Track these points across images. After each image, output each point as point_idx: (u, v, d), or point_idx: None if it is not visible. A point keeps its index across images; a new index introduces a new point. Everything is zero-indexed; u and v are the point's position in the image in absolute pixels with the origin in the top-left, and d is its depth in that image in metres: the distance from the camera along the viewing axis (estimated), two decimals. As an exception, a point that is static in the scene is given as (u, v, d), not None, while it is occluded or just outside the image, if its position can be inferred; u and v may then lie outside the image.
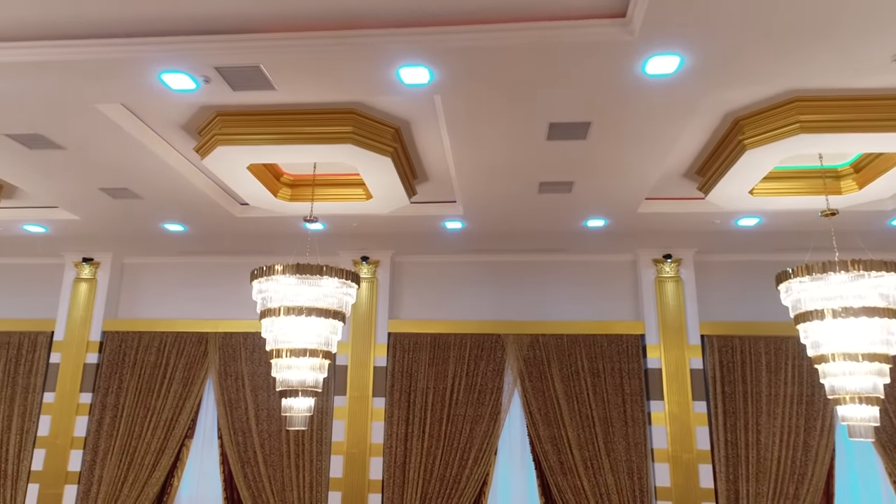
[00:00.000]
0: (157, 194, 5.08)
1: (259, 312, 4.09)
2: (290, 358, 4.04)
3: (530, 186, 4.78)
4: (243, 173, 4.35)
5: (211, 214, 5.54)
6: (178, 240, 6.39)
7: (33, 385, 6.76)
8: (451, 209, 5.44)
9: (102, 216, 5.65)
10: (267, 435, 6.40)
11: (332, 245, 6.47)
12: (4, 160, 4.48)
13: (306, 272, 3.97)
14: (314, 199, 4.73)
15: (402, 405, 6.36)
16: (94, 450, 6.52)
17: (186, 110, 3.91)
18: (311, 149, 3.94)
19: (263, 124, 3.86)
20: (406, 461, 6.22)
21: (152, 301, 7.13)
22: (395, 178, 4.37)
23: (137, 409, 6.59)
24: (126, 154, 4.32)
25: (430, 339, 6.54)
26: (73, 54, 3.15)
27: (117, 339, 6.86)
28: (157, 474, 6.37)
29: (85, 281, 7.01)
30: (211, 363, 6.67)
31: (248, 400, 6.51)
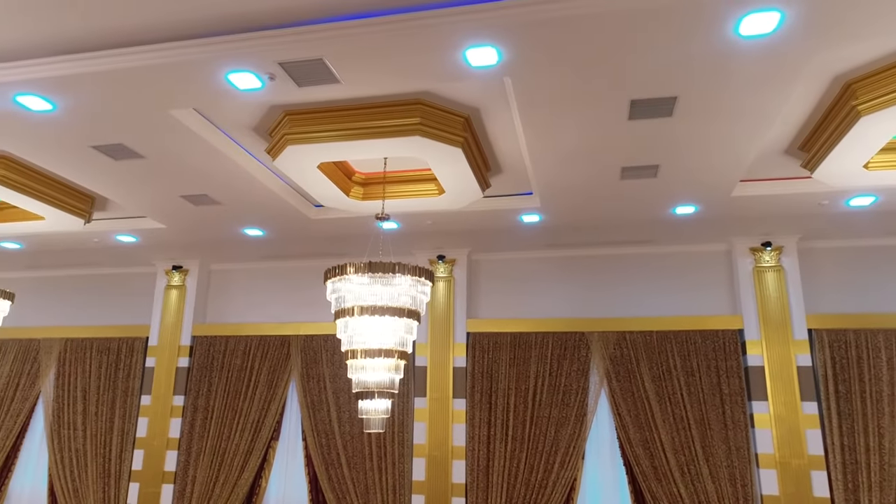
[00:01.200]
0: (235, 199, 5.16)
1: (333, 313, 4.02)
2: (365, 359, 3.95)
3: (612, 172, 4.48)
4: (314, 173, 4.31)
5: (287, 217, 5.57)
6: (258, 244, 6.50)
7: (131, 388, 7.07)
8: (527, 202, 5.20)
9: (186, 224, 5.81)
10: (349, 437, 6.39)
11: (408, 245, 6.38)
12: (94, 172, 4.66)
13: (379, 271, 3.85)
14: (385, 197, 4.64)
15: (484, 407, 6.18)
16: (188, 450, 6.74)
17: (256, 111, 3.90)
18: (379, 143, 3.84)
19: (331, 121, 3.79)
20: (489, 464, 6.02)
21: (237, 306, 7.31)
22: (467, 170, 4.19)
23: (226, 412, 6.75)
24: (202, 160, 4.38)
25: (510, 339, 6.32)
26: (144, 60, 3.18)
27: (206, 343, 7.07)
28: (245, 475, 6.49)
29: (175, 288, 7.27)
30: (294, 366, 6.74)
31: (329, 402, 6.52)
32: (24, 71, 3.33)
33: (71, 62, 3.26)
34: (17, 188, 4.81)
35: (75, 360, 7.31)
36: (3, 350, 7.57)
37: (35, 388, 7.33)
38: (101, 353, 7.28)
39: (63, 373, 7.30)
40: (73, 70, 3.27)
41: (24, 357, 7.49)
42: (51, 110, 3.69)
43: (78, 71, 3.27)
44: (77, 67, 3.26)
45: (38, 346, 7.48)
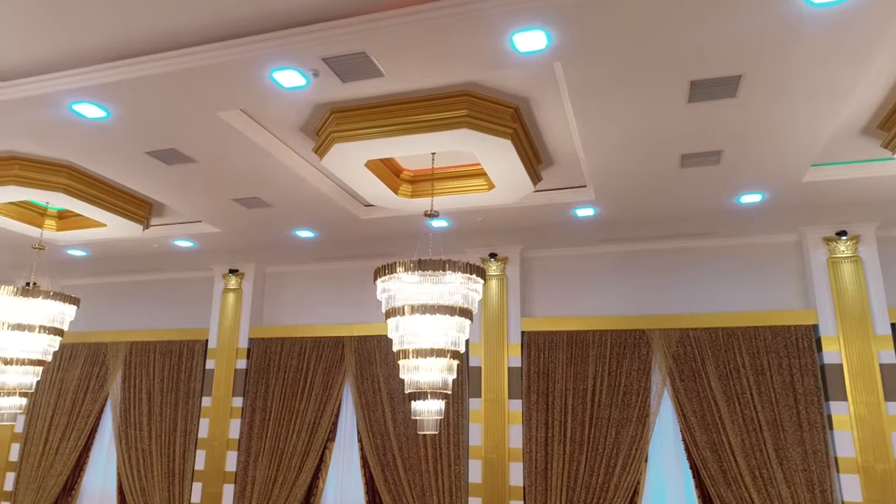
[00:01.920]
0: (286, 201, 5.18)
1: (384, 313, 3.96)
2: (417, 359, 3.87)
3: (671, 161, 4.26)
4: (362, 171, 4.26)
5: (337, 218, 5.56)
6: (310, 246, 6.53)
7: (193, 390, 7.23)
8: (581, 195, 5.01)
9: (240, 227, 5.88)
10: (405, 438, 6.33)
11: (459, 243, 6.28)
12: (149, 178, 4.76)
13: (429, 268, 3.77)
14: (434, 194, 4.55)
15: (541, 408, 6.01)
16: (247, 451, 6.83)
17: (302, 110, 3.88)
18: (426, 138, 3.75)
19: (376, 117, 3.73)
20: (548, 467, 5.85)
21: (292, 308, 7.37)
22: (517, 163, 4.05)
23: (283, 413, 6.81)
24: (252, 162, 4.40)
25: (566, 338, 6.13)
26: (189, 62, 3.19)
27: (262, 345, 7.17)
28: (303, 476, 6.53)
29: (232, 291, 7.40)
30: (348, 367, 6.74)
31: (384, 403, 6.49)
32: (78, 79, 3.40)
33: (119, 68, 3.31)
34: (80, 196, 4.96)
35: (140, 363, 7.54)
36: (74, 354, 7.88)
37: (103, 390, 7.60)
38: (164, 356, 7.47)
39: (129, 375, 7.54)
40: (121, 76, 3.32)
41: (93, 360, 7.78)
42: (105, 117, 3.77)
43: (126, 76, 3.31)
44: (125, 73, 3.30)
45: (105, 350, 7.75)
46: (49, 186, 4.72)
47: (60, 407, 7.73)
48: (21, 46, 3.25)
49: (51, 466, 7.52)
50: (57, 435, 7.62)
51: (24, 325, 4.84)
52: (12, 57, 3.35)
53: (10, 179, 4.59)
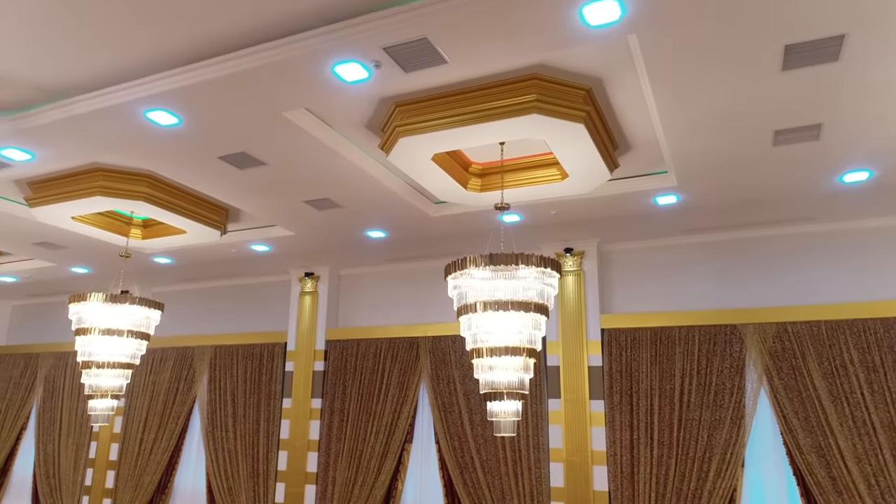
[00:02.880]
0: (355, 201, 5.15)
1: (456, 310, 3.83)
2: (491, 357, 3.72)
3: (763, 138, 3.90)
4: (429, 166, 4.15)
5: (407, 217, 5.49)
6: (382, 247, 6.50)
7: (273, 392, 7.37)
8: (662, 181, 4.70)
9: (312, 229, 5.92)
10: (482, 440, 6.18)
11: (532, 239, 6.07)
12: (223, 183, 4.84)
13: (500, 263, 3.61)
14: (504, 186, 4.38)
15: (625, 408, 5.70)
16: (327, 452, 6.88)
17: (367, 106, 3.81)
18: (494, 126, 3.58)
19: (442, 108, 3.60)
20: (634, 471, 5.54)
21: (366, 309, 7.39)
22: (592, 149, 3.82)
23: (360, 414, 6.82)
24: (320, 162, 4.39)
25: (650, 334, 5.80)
26: (251, 62, 3.18)
27: (339, 347, 7.21)
28: (382, 477, 6.50)
29: (308, 294, 7.50)
30: (423, 368, 6.67)
31: (461, 404, 6.36)
32: (149, 87, 3.47)
33: (187, 73, 3.34)
34: (160, 204, 5.12)
35: (224, 365, 7.77)
36: (164, 358, 8.22)
37: (191, 392, 7.88)
38: (246, 359, 7.66)
39: (214, 378, 7.78)
40: (189, 80, 3.35)
41: (181, 364, 8.09)
42: (177, 124, 3.84)
43: (193, 81, 3.34)
44: (192, 78, 3.33)
45: (192, 354, 8.04)
46: (131, 195, 4.88)
47: (153, 408, 8.08)
48: (93, 59, 3.34)
49: (146, 465, 7.87)
50: (151, 435, 7.97)
51: (113, 330, 5.04)
52: (86, 70, 3.46)
53: (95, 190, 4.78)
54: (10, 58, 3.39)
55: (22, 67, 3.47)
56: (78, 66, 3.43)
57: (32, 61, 3.41)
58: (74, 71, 3.49)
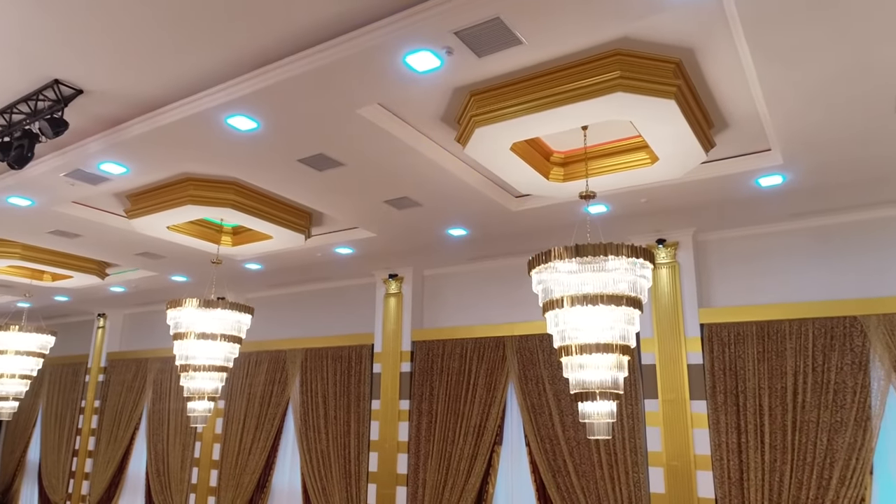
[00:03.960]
0: (435, 199, 5.06)
1: (541, 306, 3.64)
2: (581, 355, 3.50)
3: (884, 105, 3.45)
4: (508, 156, 3.98)
5: (488, 212, 5.34)
6: (464, 245, 6.38)
7: (363, 393, 7.42)
8: (765, 160, 4.29)
9: (393, 230, 5.89)
10: (575, 443, 5.92)
11: (621, 230, 5.75)
12: (304, 186, 4.89)
13: (587, 254, 3.39)
14: (589, 175, 4.13)
15: (730, 409, 5.28)
16: (417, 454, 6.84)
17: (441, 98, 3.69)
18: (575, 109, 3.37)
19: (518, 93, 3.43)
20: (743, 477, 5.11)
21: (451, 309, 7.30)
22: (684, 127, 3.52)
23: (448, 415, 6.73)
24: (396, 160, 4.32)
25: (755, 329, 5.34)
26: (322, 59, 3.15)
27: (424, 348, 7.16)
28: (472, 480, 6.37)
29: (393, 296, 7.50)
30: (510, 368, 6.49)
31: (551, 405, 6.13)
32: (226, 93, 3.52)
33: (261, 76, 3.36)
34: (247, 210, 5.25)
35: (315, 368, 7.91)
36: (258, 361, 8.49)
37: (285, 394, 8.09)
38: (336, 361, 7.77)
39: (306, 380, 7.94)
40: (263, 83, 3.37)
41: (274, 367, 8.32)
42: (256, 128, 3.88)
43: (268, 83, 3.36)
44: (266, 80, 3.35)
45: (284, 357, 8.25)
46: (219, 203, 5.03)
47: (250, 410, 8.36)
48: (173, 69, 3.42)
49: (245, 465, 8.14)
50: (249, 436, 8.25)
51: (207, 335, 5.21)
52: (168, 81, 3.55)
53: (186, 199, 4.96)
54: (102, 74, 3.54)
55: (112, 83, 3.62)
56: (160, 77, 3.53)
57: (121, 76, 3.54)
58: (158, 83, 3.59)
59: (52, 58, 3.40)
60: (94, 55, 3.36)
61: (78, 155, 4.38)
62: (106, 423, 10.10)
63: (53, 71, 3.54)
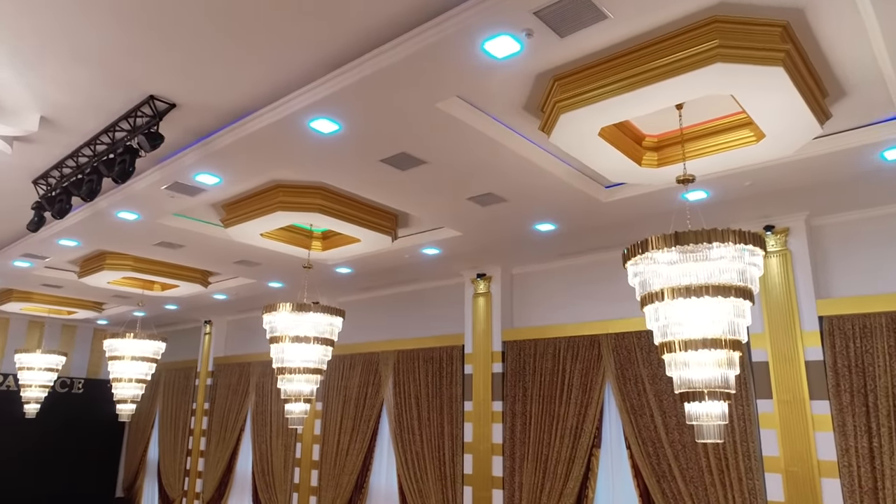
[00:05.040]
0: (520, 193, 4.90)
1: (639, 300, 3.40)
2: (685, 352, 3.23)
3: None
4: (596, 143, 3.76)
5: (577, 204, 5.12)
6: (552, 241, 6.17)
7: (455, 395, 7.36)
8: (892, 130, 3.82)
9: (479, 227, 5.78)
10: (680, 446, 5.56)
11: (723, 217, 5.33)
12: (387, 187, 4.87)
13: (688, 242, 3.12)
14: (686, 158, 3.83)
15: (858, 410, 4.76)
16: (512, 456, 6.68)
17: (523, 85, 3.53)
18: (667, 86, 3.11)
19: (605, 74, 3.22)
20: (877, 486, 4.59)
21: (541, 308, 7.10)
22: (795, 97, 3.17)
23: (543, 417, 6.53)
24: (479, 154, 4.21)
25: (885, 321, 4.80)
26: (399, 53, 3.09)
27: (516, 348, 7.00)
28: (570, 483, 6.14)
29: (482, 296, 7.40)
30: (607, 367, 6.20)
31: (652, 406, 5.80)
32: (307, 96, 3.54)
33: (340, 76, 3.35)
34: (334, 214, 5.31)
35: (407, 370, 7.94)
36: (353, 364, 8.64)
37: (379, 396, 8.17)
38: (427, 363, 7.75)
39: (399, 382, 7.98)
40: (342, 83, 3.36)
41: (368, 369, 8.43)
42: (338, 130, 3.89)
43: (346, 83, 3.34)
44: (344, 80, 3.34)
45: (377, 359, 8.34)
46: (307, 208, 5.11)
47: (346, 412, 8.51)
48: (254, 77, 3.48)
49: (343, 466, 8.30)
50: (346, 437, 8.40)
51: (300, 338, 5.31)
52: (251, 88, 3.62)
53: (276, 206, 5.07)
54: (192, 87, 3.66)
55: (202, 95, 3.74)
56: (245, 85, 3.61)
57: (209, 87, 3.65)
58: (243, 91, 3.67)
59: (146, 75, 3.55)
60: (183, 69, 3.47)
61: (175, 168, 4.58)
62: (215, 424, 10.64)
63: (148, 87, 3.70)
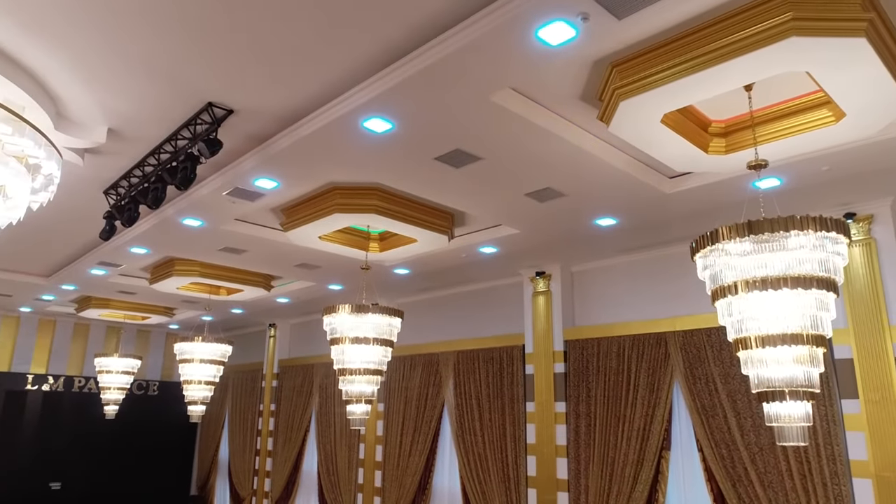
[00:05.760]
0: (579, 187, 4.75)
1: (710, 294, 3.22)
2: (762, 348, 3.03)
3: None
4: (659, 130, 3.59)
5: (639, 197, 4.92)
6: (614, 236, 5.97)
7: (516, 395, 7.24)
8: None
9: (537, 224, 5.65)
10: (757, 449, 5.26)
11: (797, 206, 5.02)
12: (443, 185, 4.82)
13: (763, 230, 2.93)
14: (758, 142, 3.61)
15: (958, 411, 4.38)
16: (577, 458, 6.51)
17: (579, 74, 3.40)
18: (736, 66, 2.92)
19: (666, 56, 3.05)
20: (984, 494, 4.20)
21: (604, 306, 6.89)
22: (880, 70, 2.92)
23: (608, 418, 6.33)
24: (535, 147, 4.09)
25: None
26: (451, 45, 3.02)
27: (578, 347, 6.82)
28: (639, 487, 5.92)
29: (541, 294, 7.25)
30: (675, 366, 5.95)
31: (725, 407, 5.51)
32: (359, 96, 3.52)
33: (391, 74, 3.31)
34: (390, 215, 5.29)
35: (467, 370, 7.87)
36: (413, 365, 8.64)
37: (440, 396, 8.14)
38: (487, 363, 7.66)
39: (459, 383, 7.92)
40: (393, 81, 3.32)
41: (428, 370, 8.41)
42: (391, 129, 3.85)
43: (397, 80, 3.30)
44: (396, 77, 3.29)
45: (437, 360, 8.31)
46: (363, 209, 5.12)
47: (408, 413, 8.52)
48: (309, 79, 3.49)
49: (406, 467, 8.30)
50: (408, 438, 8.40)
51: (360, 339, 5.33)
52: (305, 92, 3.63)
53: (333, 208, 5.10)
54: (248, 92, 3.70)
55: (258, 100, 3.78)
56: (299, 88, 3.62)
57: (265, 92, 3.69)
58: (297, 94, 3.69)
59: (204, 82, 3.62)
60: (239, 75, 3.52)
61: (235, 173, 4.66)
62: (281, 425, 10.88)
63: (206, 94, 3.77)
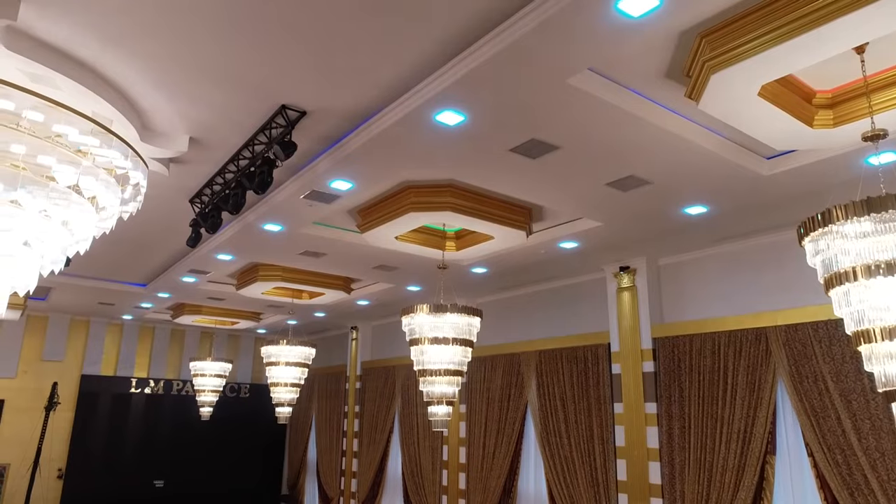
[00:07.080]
0: (665, 173, 4.46)
1: (822, 283, 2.89)
2: (889, 342, 2.67)
3: None
4: (756, 105, 3.27)
5: (732, 181, 4.56)
6: (704, 225, 5.60)
7: (603, 396, 6.94)
8: None
9: (621, 215, 5.37)
10: (878, 454, 4.76)
11: (919, 183, 4.51)
12: (519, 178, 4.65)
13: (886, 208, 2.58)
14: (873, 111, 3.22)
15: None
16: (671, 463, 6.15)
17: (664, 47, 3.16)
18: (844, 25, 2.59)
19: (762, 21, 2.77)
20: None
21: (695, 300, 6.49)
22: None
23: (704, 420, 5.94)
24: (617, 132, 3.86)
25: None
26: (523, 26, 2.86)
27: (668, 344, 6.45)
28: (742, 494, 5.50)
29: (626, 290, 6.92)
30: (778, 363, 5.50)
31: (838, 407, 5.03)
32: (430, 88, 3.42)
33: (461, 62, 3.18)
34: (465, 212, 5.18)
35: (550, 370, 7.63)
36: (494, 365, 8.48)
37: (522, 397, 7.94)
38: (571, 363, 7.40)
39: (542, 383, 7.70)
40: (463, 70, 3.19)
41: (510, 370, 8.23)
42: (464, 122, 3.74)
43: (468, 69, 3.17)
44: (465, 66, 3.18)
45: (519, 360, 8.12)
46: (438, 207, 5.03)
47: (490, 414, 8.37)
48: (379, 76, 3.42)
49: (490, 469, 8.16)
50: (491, 440, 8.25)
51: (439, 339, 5.23)
52: (375, 89, 3.56)
53: (408, 207, 5.04)
54: (319, 93, 3.69)
55: (329, 100, 3.76)
56: (369, 86, 3.57)
57: (336, 91, 3.66)
58: (368, 92, 3.64)
59: (277, 85, 3.63)
60: (310, 76, 3.50)
61: (311, 176, 4.69)
62: (365, 426, 11.00)
63: (280, 97, 3.78)
